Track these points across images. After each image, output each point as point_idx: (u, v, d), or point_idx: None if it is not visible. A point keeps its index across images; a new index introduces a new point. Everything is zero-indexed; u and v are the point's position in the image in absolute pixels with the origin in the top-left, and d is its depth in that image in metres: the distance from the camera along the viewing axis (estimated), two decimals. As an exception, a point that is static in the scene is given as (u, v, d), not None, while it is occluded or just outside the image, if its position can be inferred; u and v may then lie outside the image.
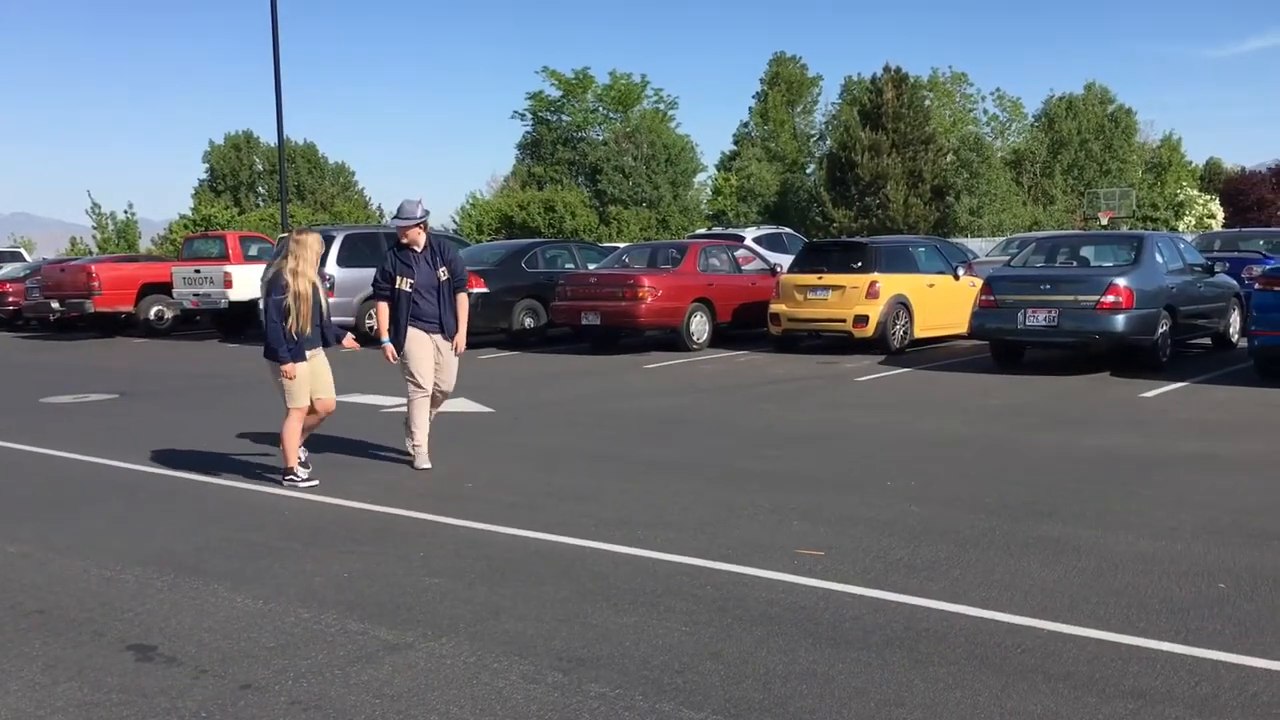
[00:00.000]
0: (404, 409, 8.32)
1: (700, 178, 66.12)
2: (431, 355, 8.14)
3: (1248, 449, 8.26)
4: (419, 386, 8.14)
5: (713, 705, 3.83)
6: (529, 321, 17.97)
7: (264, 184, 62.52)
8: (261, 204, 59.05)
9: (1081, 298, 12.62)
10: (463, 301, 8.30)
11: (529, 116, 66.84)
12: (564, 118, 66.30)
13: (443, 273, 8.12)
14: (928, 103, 55.15)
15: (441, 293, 8.11)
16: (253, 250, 22.45)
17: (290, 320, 7.42)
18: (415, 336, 8.10)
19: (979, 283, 14.51)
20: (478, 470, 8.08)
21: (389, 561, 5.69)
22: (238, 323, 21.01)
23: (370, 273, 19.20)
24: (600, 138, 64.34)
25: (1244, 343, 13.97)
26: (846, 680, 4.03)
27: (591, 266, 18.79)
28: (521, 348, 17.48)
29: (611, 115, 66.36)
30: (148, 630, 4.72)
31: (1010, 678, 4.02)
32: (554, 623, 4.71)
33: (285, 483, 7.53)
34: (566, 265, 19.12)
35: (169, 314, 22.20)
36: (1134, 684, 3.94)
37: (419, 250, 8.15)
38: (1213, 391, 11.41)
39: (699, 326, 16.83)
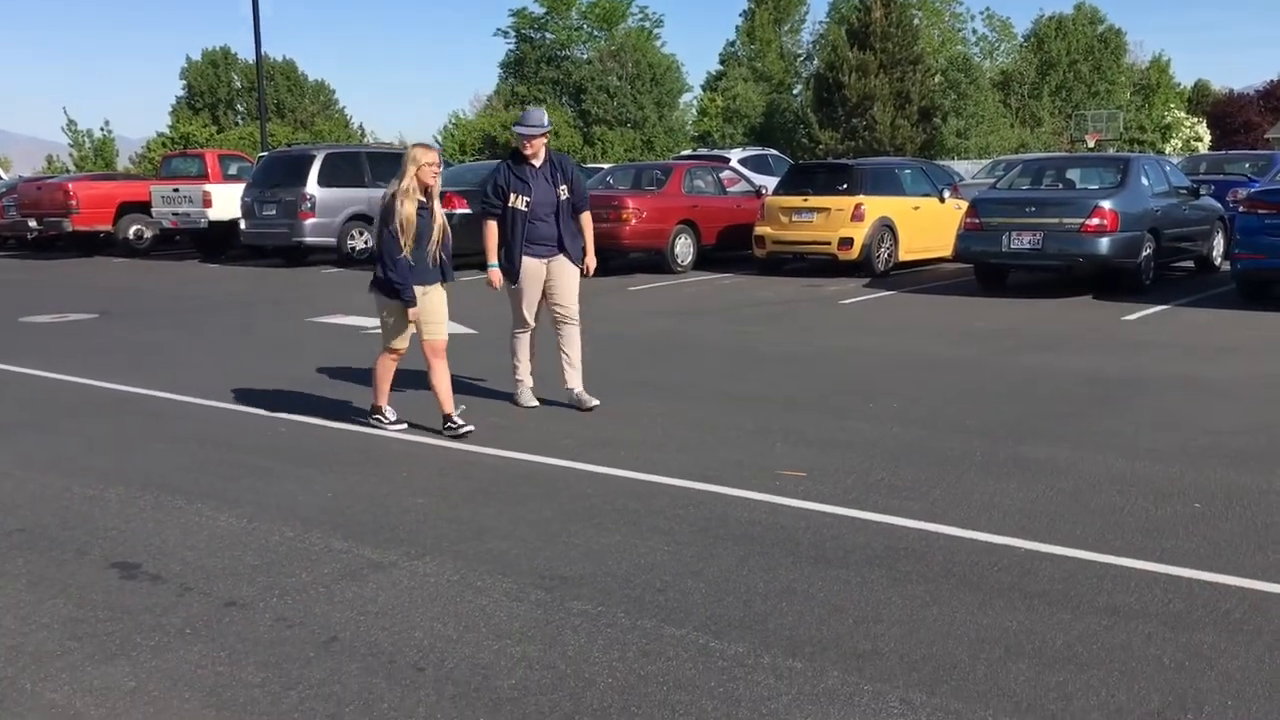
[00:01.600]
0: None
1: (686, 98, 65.37)
2: (540, 290, 7.43)
3: (1227, 371, 8.32)
4: (523, 324, 7.51)
5: (694, 622, 3.88)
6: (512, 243, 17.82)
7: (243, 101, 61.47)
8: (240, 122, 58.16)
9: (1066, 220, 12.60)
10: (587, 221, 7.53)
11: (512, 34, 65.75)
12: (548, 35, 65.23)
13: (563, 191, 7.27)
14: (916, 22, 54.36)
15: (561, 213, 7.29)
16: (232, 169, 22.16)
17: (403, 249, 6.46)
18: (529, 267, 7.33)
19: (964, 205, 14.46)
20: (461, 391, 8.06)
21: (373, 482, 5.71)
22: (218, 243, 20.82)
23: (351, 193, 19.24)
24: (584, 57, 63.42)
25: (1227, 266, 14.01)
26: (826, 598, 4.08)
27: (576, 187, 18.60)
28: (505, 269, 17.36)
29: (596, 34, 65.33)
30: (132, 548, 4.73)
31: (987, 595, 4.08)
32: (537, 542, 4.74)
33: (371, 421, 6.90)
34: (550, 186, 18.93)
35: (148, 233, 21.97)
36: (1108, 600, 4.00)
37: (537, 165, 7.23)
38: (1195, 314, 11.46)
39: (684, 249, 16.76)
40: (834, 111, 48.20)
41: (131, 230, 21.90)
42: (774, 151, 26.83)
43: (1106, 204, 12.53)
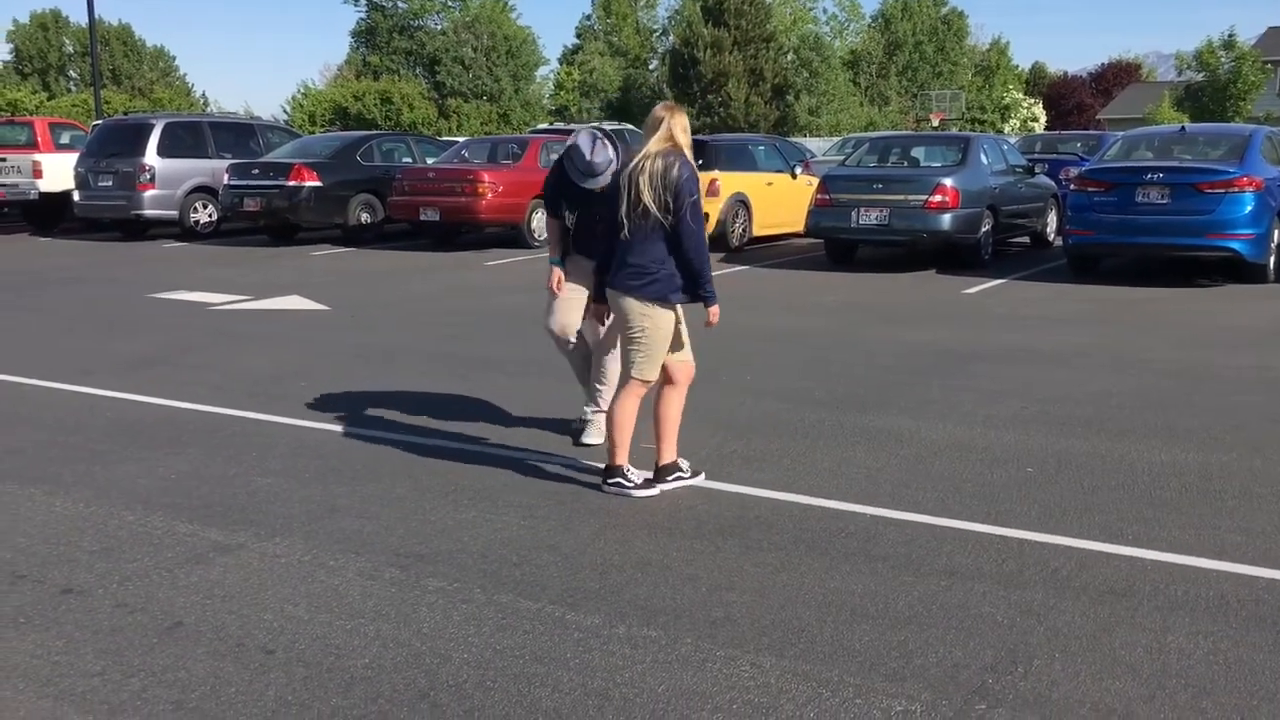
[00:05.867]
0: (241, 305, 8.05)
1: (542, 72, 64.90)
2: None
3: (1059, 341, 8.74)
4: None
5: (550, 595, 3.90)
6: (365, 217, 17.48)
7: (75, 67, 58.50)
8: (73, 89, 55.31)
9: (911, 197, 13.00)
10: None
11: (362, 2, 64.12)
12: (400, 4, 63.80)
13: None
14: (769, 0, 55.14)
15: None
16: (64, 138, 21.03)
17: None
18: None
19: (815, 182, 14.78)
20: (313, 369, 7.90)
21: (219, 463, 5.55)
22: (50, 215, 19.80)
23: (194, 164, 18.57)
24: (438, 27, 62.29)
25: (1060, 241, 14.68)
26: (680, 568, 4.16)
27: (430, 161, 18.35)
28: (358, 244, 17.03)
29: (450, 4, 64.22)
30: (-42, 538, 4.50)
31: (834, 560, 4.22)
32: (392, 520, 4.69)
33: (608, 486, 5.02)
34: (404, 159, 18.60)
35: (-28, 206, 20.71)
36: (947, 563, 4.18)
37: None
38: (1029, 288, 11.99)
39: (541, 223, 16.65)
40: (689, 88, 48.57)
41: (-47, 202, 20.61)
42: (630, 126, 26.87)
43: (948, 181, 12.98)
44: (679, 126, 4.91)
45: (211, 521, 4.68)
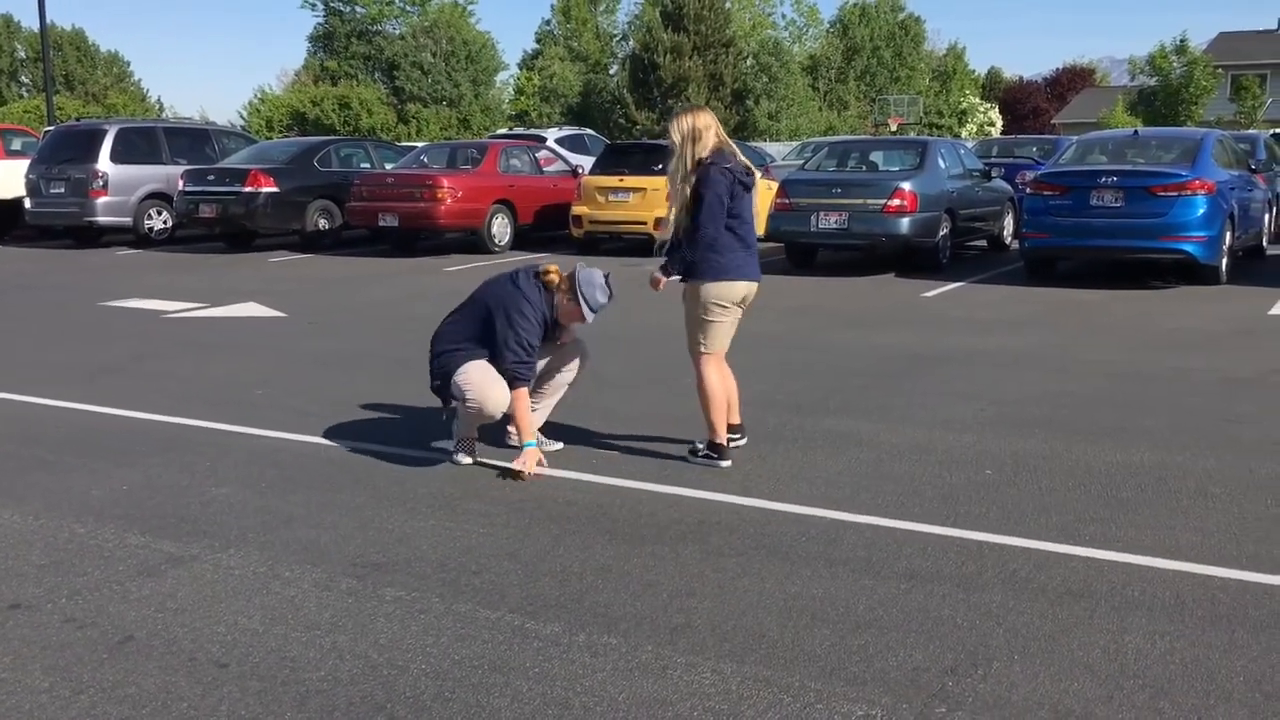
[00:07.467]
0: (196, 312, 7.94)
1: (502, 76, 64.78)
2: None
3: (1016, 344, 8.81)
4: None
5: (509, 604, 3.86)
6: (323, 223, 17.34)
7: (27, 73, 57.75)
8: (25, 95, 54.61)
9: (870, 201, 13.07)
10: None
11: (320, 6, 63.70)
12: (358, 9, 63.45)
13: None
14: (728, 5, 55.33)
15: None
16: (15, 144, 20.75)
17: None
18: None
19: (775, 186, 14.82)
20: (270, 377, 7.80)
21: (173, 473, 5.46)
22: (1, 223, 19.48)
23: (148, 170, 18.37)
24: (397, 32, 61.99)
25: (1016, 244, 14.82)
26: (640, 574, 4.13)
27: (389, 166, 18.24)
28: (316, 250, 16.90)
29: (409, 8, 63.93)
30: (-98, 553, 4.39)
31: (794, 564, 4.21)
32: (349, 529, 4.64)
33: (701, 457, 5.54)
34: (362, 165, 18.47)
35: (-79, 213, 20.33)
36: (907, 565, 4.19)
37: None
38: (987, 291, 12.08)
39: (500, 228, 16.63)
40: (650, 92, 48.64)
41: (-99, 209, 20.21)
42: (590, 131, 26.88)
43: (906, 185, 13.06)
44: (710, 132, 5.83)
45: (164, 533, 4.60)
